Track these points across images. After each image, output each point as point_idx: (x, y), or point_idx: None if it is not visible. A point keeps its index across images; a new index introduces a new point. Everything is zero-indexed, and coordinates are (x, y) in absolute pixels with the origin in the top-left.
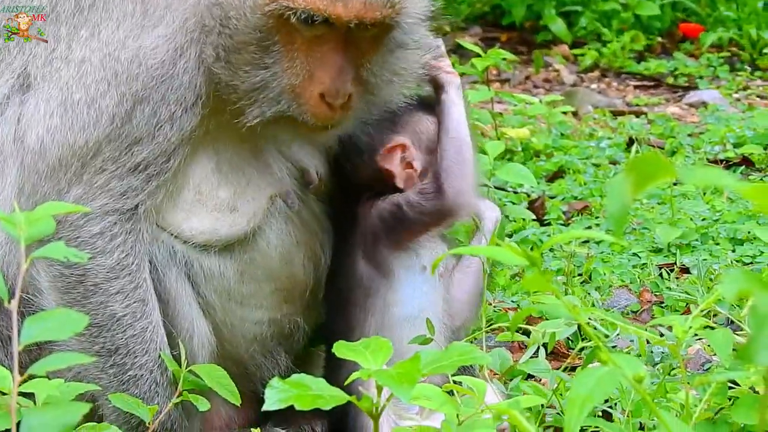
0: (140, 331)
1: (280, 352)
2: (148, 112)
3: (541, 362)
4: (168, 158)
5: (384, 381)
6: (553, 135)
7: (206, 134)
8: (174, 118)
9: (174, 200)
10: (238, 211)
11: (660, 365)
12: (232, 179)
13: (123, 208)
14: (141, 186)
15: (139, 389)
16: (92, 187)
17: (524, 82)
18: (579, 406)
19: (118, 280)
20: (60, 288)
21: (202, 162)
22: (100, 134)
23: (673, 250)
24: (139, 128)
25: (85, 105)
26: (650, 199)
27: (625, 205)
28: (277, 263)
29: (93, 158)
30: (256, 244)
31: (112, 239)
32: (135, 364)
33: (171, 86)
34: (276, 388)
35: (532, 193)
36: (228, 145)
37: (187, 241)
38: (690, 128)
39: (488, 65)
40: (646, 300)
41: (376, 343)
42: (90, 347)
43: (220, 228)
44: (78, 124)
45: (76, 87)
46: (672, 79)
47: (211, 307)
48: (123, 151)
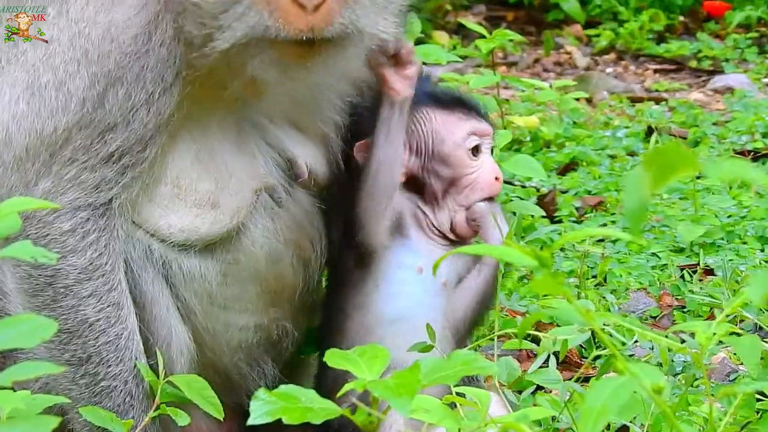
0: (114, 337)
1: (266, 361)
2: (122, 95)
3: (551, 372)
4: (144, 147)
5: (380, 392)
6: (564, 123)
7: (185, 119)
8: (151, 101)
9: (150, 195)
10: (220, 206)
11: (681, 375)
12: (214, 171)
13: (96, 203)
14: (115, 178)
15: (112, 402)
16: (62, 180)
17: (533, 65)
18: (593, 419)
19: (91, 281)
20: (28, 291)
21: (180, 152)
22: (70, 120)
23: (696, 249)
24: (113, 113)
25: (53, 88)
26: (671, 194)
27: (644, 200)
28: (264, 264)
29: (63, 147)
30: (240, 243)
31: (84, 237)
32: (108, 374)
33: (147, 63)
34: (262, 400)
35: (541, 187)
36: (208, 132)
37: (165, 239)
38: (715, 116)
39: (494, 47)
40: (667, 304)
41: (371, 352)
42: (60, 355)
43: (200, 225)
44: (46, 109)
45: (44, 69)
46: (695, 62)
47: (191, 312)
48: (95, 139)
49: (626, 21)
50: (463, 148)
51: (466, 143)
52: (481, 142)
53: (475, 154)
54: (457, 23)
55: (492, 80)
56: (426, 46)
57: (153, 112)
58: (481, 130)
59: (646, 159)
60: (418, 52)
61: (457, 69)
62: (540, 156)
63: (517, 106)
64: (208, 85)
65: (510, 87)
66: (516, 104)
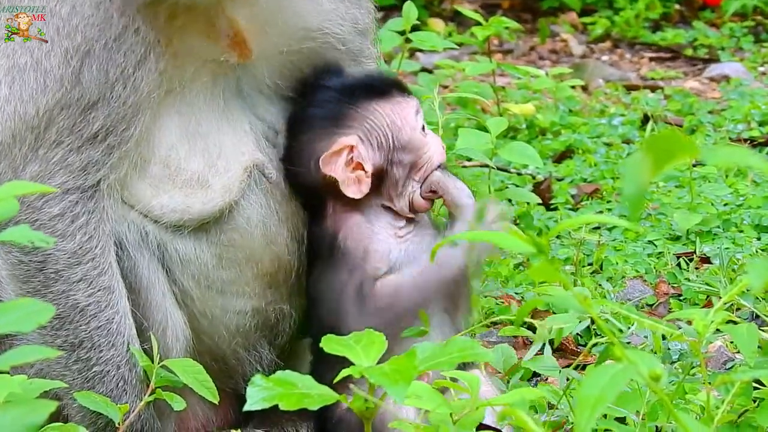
0: (105, 322)
1: (263, 345)
2: (96, 70)
3: (548, 359)
4: (128, 125)
5: (376, 378)
6: (560, 111)
7: (168, 95)
8: (126, 75)
9: (141, 174)
10: (210, 185)
11: (678, 363)
12: (202, 149)
13: (84, 185)
14: (102, 159)
15: (105, 387)
16: (49, 164)
17: (529, 53)
18: (590, 407)
19: (81, 266)
20: (19, 277)
21: (166, 129)
22: (50, 100)
23: (693, 237)
24: (91, 90)
25: (31, 69)
26: (667, 182)
27: (643, 186)
28: (259, 243)
29: (47, 130)
30: (235, 223)
31: (74, 221)
32: (101, 359)
33: (113, 34)
34: (259, 386)
35: (537, 174)
36: (194, 108)
37: (158, 220)
38: (711, 104)
39: (489, 35)
40: (663, 292)
41: (368, 338)
42: (52, 341)
43: (191, 204)
44: (27, 91)
45: (21, 51)
46: (691, 50)
47: (187, 297)
48: (78, 119)
49: (622, 9)
50: (417, 130)
51: (416, 124)
52: (420, 119)
53: (424, 130)
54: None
55: (488, 67)
56: (422, 33)
57: (130, 87)
58: (419, 106)
59: (644, 145)
60: (415, 39)
61: (453, 56)
62: (536, 143)
63: (512, 93)
64: (187, 54)
65: (506, 74)
66: (512, 92)
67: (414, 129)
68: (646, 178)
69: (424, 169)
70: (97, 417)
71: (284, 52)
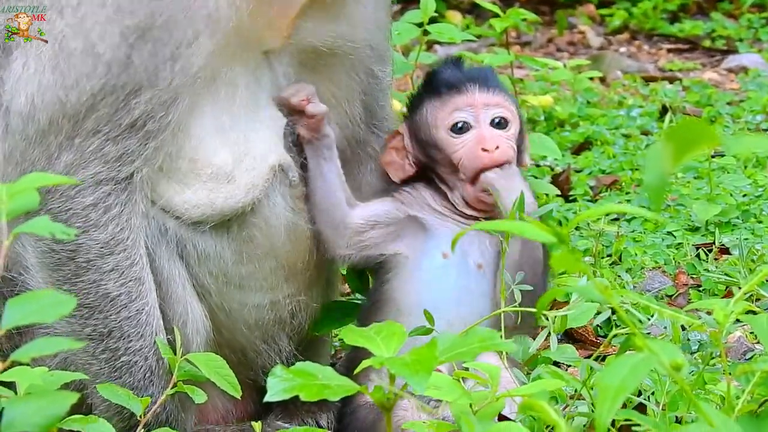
0: (135, 312)
1: (282, 338)
2: (150, 48)
3: (568, 349)
4: (166, 111)
5: (397, 369)
6: (578, 103)
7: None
8: (176, 55)
9: (167, 170)
10: (235, 181)
11: (698, 354)
12: (231, 143)
13: (118, 177)
14: (137, 149)
15: (132, 377)
16: (84, 153)
17: (546, 45)
18: (611, 396)
19: (113, 256)
20: (49, 265)
21: (199, 121)
22: (95, 86)
23: (712, 228)
24: (139, 73)
25: (83, 54)
26: (686, 173)
27: (664, 175)
28: (278, 238)
29: (86, 117)
30: (256, 219)
31: (106, 211)
32: (129, 349)
33: (180, 6)
34: (279, 377)
35: (556, 166)
36: (226, 99)
37: (181, 216)
38: (729, 96)
39: (507, 26)
40: (682, 283)
41: (388, 329)
42: (80, 330)
43: (215, 200)
44: (71, 77)
45: (74, 35)
46: (709, 41)
47: (205, 291)
48: (120, 106)
49: (640, 0)
50: (443, 129)
51: (445, 123)
52: (464, 117)
53: (458, 132)
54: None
55: (506, 59)
56: (440, 25)
57: (178, 68)
58: (465, 103)
59: (665, 134)
60: (432, 31)
61: (471, 48)
62: (554, 135)
63: (531, 85)
64: (241, 35)
65: (524, 66)
66: (530, 84)
67: (439, 128)
68: (668, 167)
69: (462, 170)
70: (123, 407)
71: (315, 49)
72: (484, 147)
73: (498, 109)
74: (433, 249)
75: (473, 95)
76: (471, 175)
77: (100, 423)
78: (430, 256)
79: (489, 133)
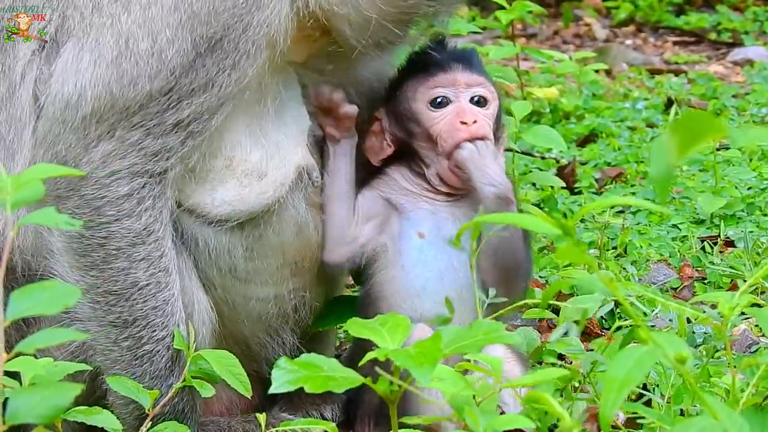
0: (162, 303)
1: (286, 330)
2: (216, 58)
3: (573, 341)
4: (211, 115)
5: (401, 361)
6: (584, 95)
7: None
8: (237, 66)
9: (199, 169)
10: (267, 176)
11: (703, 347)
12: (260, 144)
13: (153, 171)
14: (176, 147)
15: (154, 366)
16: (124, 144)
17: (552, 37)
18: (616, 389)
19: (144, 245)
20: (77, 250)
21: (234, 125)
22: (154, 87)
23: (717, 221)
24: (199, 79)
25: (146, 55)
26: (691, 166)
27: (670, 167)
28: (288, 235)
29: (135, 114)
30: (271, 218)
31: (140, 203)
32: (153, 338)
33: (252, 20)
34: (284, 369)
35: (561, 158)
36: (260, 102)
37: (207, 214)
38: (734, 88)
39: (513, 19)
40: (687, 276)
41: (393, 321)
42: (104, 317)
43: (247, 196)
44: (131, 75)
45: (141, 35)
46: (715, 34)
47: (210, 284)
48: (171, 107)
49: None
50: (423, 103)
51: (425, 97)
52: (445, 93)
53: (437, 106)
54: None
55: (512, 51)
56: None
57: (235, 78)
58: (447, 81)
59: (671, 126)
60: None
61: (477, 40)
62: (559, 127)
63: (536, 77)
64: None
65: (529, 58)
66: (535, 76)
67: (418, 101)
68: (674, 159)
69: (440, 144)
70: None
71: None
72: (463, 120)
73: (479, 88)
74: (409, 230)
75: (455, 74)
76: (449, 148)
77: (105, 414)
78: (407, 238)
79: (468, 107)
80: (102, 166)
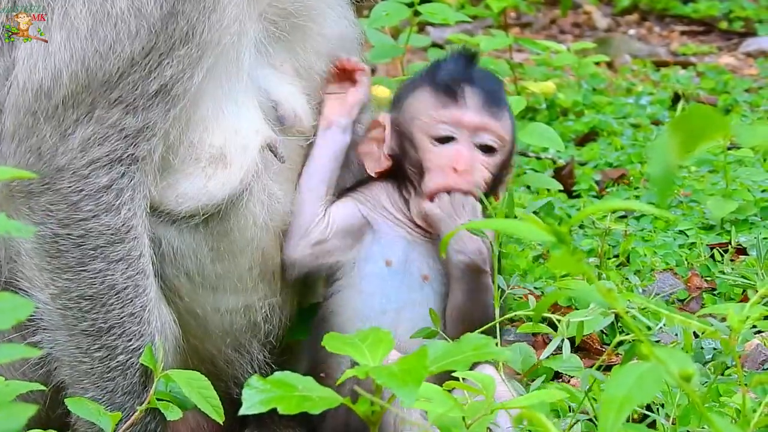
0: (140, 309)
1: (254, 345)
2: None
3: (571, 358)
4: (192, 73)
5: (384, 380)
6: (583, 90)
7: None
8: (217, 3)
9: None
10: (231, 164)
11: (711, 363)
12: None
13: (134, 156)
14: (159, 120)
15: (127, 380)
16: (103, 126)
17: (549, 26)
18: (616, 409)
19: (123, 244)
20: (50, 251)
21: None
22: (135, 50)
23: (727, 227)
24: (180, 27)
25: (127, 13)
26: (700, 167)
27: (671, 168)
28: (254, 232)
29: (115, 86)
30: (236, 210)
31: (119, 195)
32: (128, 347)
33: None
34: (255, 389)
35: (558, 159)
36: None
37: (171, 211)
38: (747, 82)
39: (506, 6)
40: (695, 286)
41: (374, 336)
42: (76, 324)
43: (212, 188)
44: (109, 41)
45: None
46: (726, 23)
47: (174, 294)
48: (153, 68)
49: None
50: (425, 131)
51: (429, 128)
52: (451, 131)
53: (438, 140)
54: None
55: (504, 42)
56: (432, 5)
57: (214, 19)
58: (456, 118)
59: (673, 124)
60: (424, 11)
61: (467, 30)
62: (556, 125)
63: (531, 70)
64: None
65: (524, 50)
66: (530, 68)
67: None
68: (675, 159)
69: (428, 182)
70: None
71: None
72: (456, 166)
73: (487, 135)
74: (376, 254)
75: (468, 113)
76: (427, 191)
77: None
78: (372, 262)
79: (469, 154)
80: (81, 155)
